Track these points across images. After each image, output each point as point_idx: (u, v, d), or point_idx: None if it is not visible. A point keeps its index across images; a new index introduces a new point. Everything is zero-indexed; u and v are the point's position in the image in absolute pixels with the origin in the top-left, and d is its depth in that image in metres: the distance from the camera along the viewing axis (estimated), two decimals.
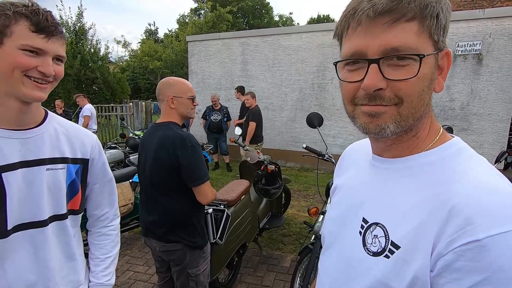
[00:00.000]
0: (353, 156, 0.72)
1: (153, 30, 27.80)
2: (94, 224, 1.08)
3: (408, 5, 0.44)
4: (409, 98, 0.47)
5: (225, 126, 6.05)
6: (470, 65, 5.13)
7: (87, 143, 0.97)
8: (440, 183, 0.48)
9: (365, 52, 0.47)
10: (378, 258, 0.51)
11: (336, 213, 0.67)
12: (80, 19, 12.28)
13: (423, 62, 0.46)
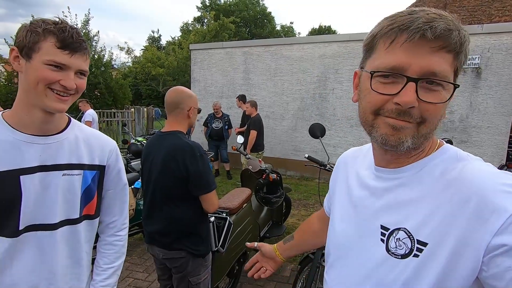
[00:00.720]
0: (353, 165, 0.73)
1: (156, 37, 28.13)
2: (103, 230, 1.09)
3: (454, 38, 0.48)
4: (431, 119, 0.51)
5: (226, 134, 6.09)
6: (469, 78, 5.21)
7: (106, 150, 1.00)
8: (453, 180, 0.52)
9: (406, 69, 0.49)
10: (407, 259, 0.53)
11: (345, 226, 0.68)
12: (86, 26, 12.47)
13: (449, 90, 0.51)
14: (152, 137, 1.69)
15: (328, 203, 0.89)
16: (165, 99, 1.58)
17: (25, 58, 0.79)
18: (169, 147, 1.51)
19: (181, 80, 19.13)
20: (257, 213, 2.93)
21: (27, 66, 0.79)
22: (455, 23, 0.49)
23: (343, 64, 6.01)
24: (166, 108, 1.57)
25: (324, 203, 0.93)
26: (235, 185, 5.27)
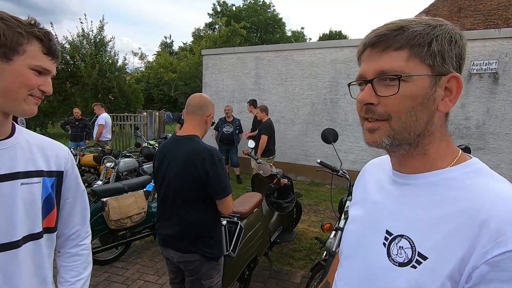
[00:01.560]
0: (374, 172, 0.76)
1: (168, 43, 28.68)
2: (63, 244, 0.98)
3: (394, 38, 0.54)
4: (396, 113, 0.54)
5: (237, 138, 6.10)
6: (486, 83, 5.08)
7: (61, 155, 0.92)
8: (465, 198, 0.52)
9: (365, 74, 0.58)
10: (404, 268, 0.54)
11: (356, 226, 0.70)
12: (101, 32, 12.83)
13: (409, 81, 0.53)
14: (168, 140, 1.70)
15: None
16: (188, 102, 1.64)
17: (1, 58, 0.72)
18: (188, 150, 1.53)
19: (192, 85, 19.40)
20: (267, 218, 2.91)
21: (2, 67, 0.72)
22: (400, 25, 0.54)
23: (355, 69, 5.95)
24: (187, 109, 1.62)
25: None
26: (245, 190, 5.26)
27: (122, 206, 2.92)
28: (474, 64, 5.09)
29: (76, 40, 12.43)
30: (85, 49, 12.43)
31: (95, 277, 2.84)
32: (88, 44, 12.61)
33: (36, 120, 12.27)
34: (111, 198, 2.89)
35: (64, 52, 12.25)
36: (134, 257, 3.23)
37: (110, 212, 2.83)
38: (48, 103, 12.34)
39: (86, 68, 11.67)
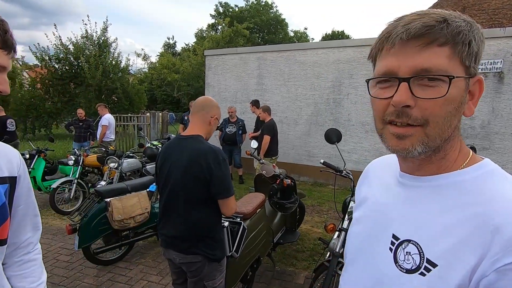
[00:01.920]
0: (378, 172, 0.73)
1: (171, 44, 28.77)
2: (13, 254, 0.89)
3: (440, 31, 0.48)
4: (435, 118, 0.49)
5: (239, 138, 6.10)
6: (491, 83, 5.03)
7: (13, 159, 0.84)
8: (478, 202, 0.49)
9: (396, 71, 0.50)
10: (412, 275, 0.51)
11: (361, 228, 0.67)
12: (104, 33, 12.90)
13: (452, 84, 0.48)
14: (172, 141, 1.71)
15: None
16: (194, 102, 1.71)
17: None
18: (193, 150, 1.54)
19: (195, 85, 19.44)
20: (270, 218, 2.90)
21: None
22: (444, 17, 0.49)
23: (358, 69, 5.94)
24: (192, 109, 1.68)
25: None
26: (247, 190, 5.26)
27: (125, 207, 2.93)
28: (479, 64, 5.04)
29: (80, 41, 12.51)
30: (89, 50, 12.50)
31: (98, 277, 2.85)
32: (91, 45, 12.68)
33: (40, 121, 12.37)
34: (115, 199, 2.90)
35: (68, 53, 12.34)
36: (137, 257, 3.24)
37: (114, 213, 2.84)
38: (52, 104, 12.43)
39: (90, 69, 11.74)
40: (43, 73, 12.52)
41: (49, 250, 3.36)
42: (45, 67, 12.32)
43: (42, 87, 12.66)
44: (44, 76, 12.44)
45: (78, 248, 2.74)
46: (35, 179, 4.68)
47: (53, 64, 12.41)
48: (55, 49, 12.14)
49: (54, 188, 4.41)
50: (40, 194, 5.20)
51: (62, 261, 3.13)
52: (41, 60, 12.10)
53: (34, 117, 12.22)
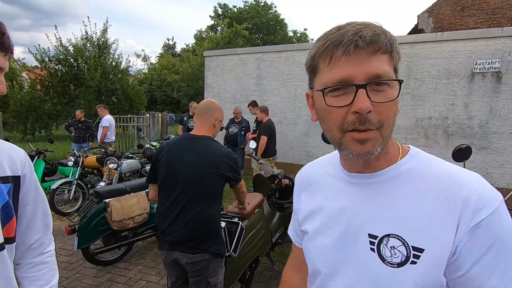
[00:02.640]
0: (316, 180, 0.71)
1: (171, 45, 28.79)
2: (24, 255, 0.90)
3: (383, 40, 0.52)
4: (387, 120, 0.53)
5: (241, 139, 6.10)
6: (489, 83, 5.05)
7: (17, 159, 0.84)
8: (437, 183, 0.54)
9: (352, 78, 0.51)
10: (404, 267, 0.53)
11: (327, 238, 0.64)
12: (104, 34, 12.92)
13: (392, 87, 0.52)
14: (179, 140, 1.72)
15: (296, 233, 0.80)
16: (198, 105, 1.78)
17: None
18: (207, 149, 1.63)
19: (194, 86, 19.46)
20: (269, 218, 2.91)
21: None
22: (380, 29, 0.53)
23: None
24: (197, 112, 1.75)
25: (292, 236, 0.83)
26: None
27: (124, 207, 2.94)
28: (477, 63, 5.06)
29: (80, 42, 12.54)
30: (89, 52, 12.52)
31: (97, 277, 2.86)
32: (91, 47, 12.71)
33: (40, 122, 12.39)
34: (114, 199, 2.92)
35: (67, 54, 12.36)
36: (136, 258, 3.25)
37: (113, 213, 2.85)
38: (52, 106, 12.45)
39: (89, 71, 11.76)
40: (42, 74, 12.54)
41: None
42: (45, 68, 12.35)
43: (42, 88, 12.69)
44: (43, 78, 12.47)
45: (78, 248, 2.75)
46: None
47: (53, 66, 12.44)
48: (55, 50, 12.17)
49: (53, 189, 4.42)
50: None
51: (61, 262, 3.14)
52: (41, 61, 12.13)
53: (34, 119, 12.24)
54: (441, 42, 5.28)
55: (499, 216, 0.50)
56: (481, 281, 0.49)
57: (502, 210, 0.50)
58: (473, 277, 0.50)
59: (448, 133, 5.34)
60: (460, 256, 0.50)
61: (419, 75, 5.46)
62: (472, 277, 0.50)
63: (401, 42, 5.58)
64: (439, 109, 5.38)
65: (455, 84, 5.24)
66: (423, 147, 5.48)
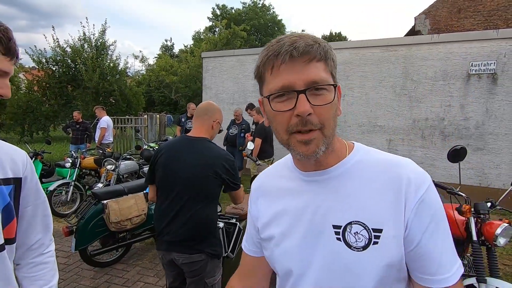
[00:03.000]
0: (271, 186, 0.75)
1: (169, 46, 28.81)
2: (25, 255, 0.91)
3: (317, 50, 0.58)
4: (327, 121, 0.59)
5: (240, 140, 6.10)
6: (485, 84, 5.09)
7: (18, 160, 0.85)
8: (384, 171, 0.62)
9: (292, 85, 0.57)
10: (369, 249, 0.59)
11: (293, 240, 0.66)
12: (102, 35, 12.89)
13: (330, 91, 0.59)
14: (177, 141, 1.75)
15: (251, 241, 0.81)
16: (198, 106, 1.79)
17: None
18: (205, 150, 1.64)
19: (193, 87, 19.46)
20: None
21: None
22: (314, 39, 0.59)
23: (354, 70, 5.99)
24: (195, 113, 1.76)
25: (245, 246, 0.84)
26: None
27: (122, 208, 2.94)
28: (472, 65, 5.11)
29: (77, 43, 12.50)
30: (86, 53, 12.49)
31: (95, 279, 2.86)
32: (89, 48, 12.68)
33: (38, 123, 12.33)
34: (111, 200, 2.92)
35: (65, 55, 12.33)
36: (134, 259, 3.25)
37: (110, 214, 2.85)
38: (50, 107, 12.40)
39: (87, 72, 11.73)
40: (40, 75, 12.48)
41: None
42: (42, 69, 12.30)
43: (39, 89, 12.63)
44: (41, 79, 12.41)
45: (75, 250, 2.75)
46: None
47: (50, 67, 12.40)
48: (53, 51, 12.13)
49: (51, 190, 4.41)
50: None
51: (59, 263, 3.11)
52: (38, 62, 12.08)
53: (31, 120, 12.18)
54: (437, 44, 5.33)
55: (432, 189, 0.60)
56: (429, 246, 0.58)
57: (433, 185, 0.61)
58: (423, 246, 0.58)
59: (445, 134, 5.38)
60: (411, 231, 0.58)
61: (416, 76, 5.50)
62: (422, 246, 0.58)
63: (398, 44, 5.62)
64: (435, 110, 5.42)
65: (451, 85, 5.29)
66: (420, 148, 5.53)
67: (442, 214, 0.60)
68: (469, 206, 1.96)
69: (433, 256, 0.58)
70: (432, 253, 0.58)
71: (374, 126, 5.90)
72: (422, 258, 0.58)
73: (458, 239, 2.12)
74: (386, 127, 5.80)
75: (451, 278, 0.58)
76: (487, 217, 1.96)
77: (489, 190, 4.94)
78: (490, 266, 1.91)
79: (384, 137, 5.81)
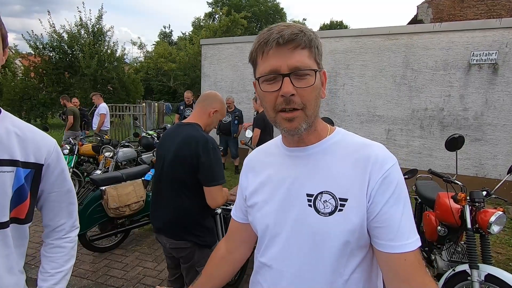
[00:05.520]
0: (260, 160, 0.85)
1: (167, 33, 28.34)
2: (48, 235, 0.99)
3: (301, 38, 0.65)
4: (309, 102, 0.66)
5: (234, 128, 6.10)
6: (485, 74, 5.06)
7: (43, 148, 0.90)
8: (356, 150, 0.71)
9: (278, 69, 0.65)
10: (334, 214, 0.68)
11: (273, 205, 0.76)
12: (99, 21, 12.66)
13: (313, 76, 0.66)
14: (171, 127, 1.76)
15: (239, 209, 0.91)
16: (201, 94, 1.78)
17: None
18: (185, 136, 1.57)
19: (191, 75, 19.26)
20: None
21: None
22: (300, 28, 0.66)
23: (355, 59, 5.93)
24: (197, 100, 1.74)
25: (233, 213, 0.94)
26: None
27: (120, 195, 2.96)
28: (473, 55, 5.06)
29: (74, 29, 12.28)
30: (83, 39, 12.29)
31: (94, 263, 2.90)
32: (86, 34, 12.47)
33: (36, 111, 12.26)
34: (110, 187, 2.93)
35: (62, 42, 12.13)
36: (133, 245, 3.29)
37: (109, 201, 2.87)
38: (47, 94, 12.29)
39: (85, 59, 11.57)
40: (36, 61, 12.31)
41: None
42: (39, 55, 12.12)
43: (36, 76, 12.48)
44: (37, 65, 12.25)
45: None
46: None
47: (47, 53, 12.22)
48: (49, 37, 11.93)
49: None
50: None
51: None
52: (35, 48, 11.89)
53: (29, 108, 12.09)
54: (438, 33, 5.26)
55: (396, 168, 0.68)
56: (388, 215, 0.65)
57: (398, 166, 0.69)
58: (382, 214, 0.65)
59: (443, 125, 5.38)
60: (374, 201, 0.66)
61: (416, 66, 5.45)
62: (382, 215, 0.65)
63: (399, 33, 5.54)
64: (435, 100, 5.40)
65: (451, 75, 5.25)
66: (418, 138, 5.54)
67: (403, 190, 0.67)
68: (464, 194, 1.97)
69: (392, 224, 0.65)
70: (390, 221, 0.65)
71: (373, 115, 5.88)
72: (382, 226, 0.65)
73: (452, 227, 2.15)
74: (385, 116, 5.78)
75: (408, 245, 0.64)
76: (482, 205, 1.98)
77: (485, 181, 4.98)
78: (483, 253, 1.95)
79: (383, 127, 5.80)
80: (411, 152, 5.57)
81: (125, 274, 2.74)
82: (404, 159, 5.51)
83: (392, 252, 0.64)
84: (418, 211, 2.88)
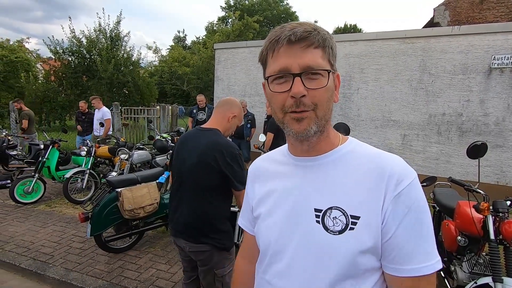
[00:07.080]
0: (267, 169, 0.80)
1: (181, 37, 28.83)
2: None
3: (315, 37, 0.61)
4: (320, 103, 0.62)
5: (247, 132, 6.11)
6: (507, 79, 4.88)
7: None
8: (369, 162, 0.65)
9: (289, 68, 0.61)
10: (344, 233, 0.62)
11: (276, 218, 0.71)
12: (117, 26, 13.01)
13: (326, 77, 0.62)
14: (190, 131, 1.77)
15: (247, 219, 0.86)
16: (219, 100, 1.80)
17: None
18: (209, 142, 1.59)
19: (204, 79, 19.48)
20: None
21: None
22: (313, 27, 0.62)
23: (369, 63, 5.85)
24: (216, 105, 1.76)
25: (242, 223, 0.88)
26: None
27: (135, 197, 3.00)
28: (495, 59, 4.89)
29: (93, 34, 12.66)
30: (101, 44, 12.64)
31: (109, 264, 2.95)
32: (104, 39, 12.83)
33: (55, 113, 12.66)
34: (125, 189, 2.98)
35: (81, 46, 12.52)
36: (146, 246, 3.33)
37: (124, 202, 2.92)
38: (66, 97, 12.68)
39: (102, 63, 11.89)
40: (56, 65, 12.75)
41: (63, 237, 3.49)
42: (59, 59, 12.55)
43: (56, 79, 12.92)
44: (57, 69, 12.68)
45: (90, 235, 2.84)
46: (49, 169, 4.83)
47: (66, 57, 12.63)
48: (69, 42, 12.34)
49: (67, 177, 4.55)
50: (54, 183, 5.36)
51: (75, 248, 3.24)
52: (55, 53, 12.32)
53: (48, 110, 12.51)
54: (457, 36, 5.12)
55: (415, 185, 0.61)
56: (401, 238, 0.59)
57: (417, 182, 0.62)
58: (397, 237, 0.59)
59: (462, 130, 5.22)
60: (388, 222, 0.60)
61: (434, 70, 5.32)
62: (397, 237, 0.59)
63: (416, 36, 5.43)
64: (453, 105, 5.25)
65: (471, 79, 5.09)
66: (435, 143, 5.39)
67: (422, 209, 0.61)
68: (487, 204, 1.90)
69: (405, 247, 0.59)
70: (404, 244, 0.59)
71: (388, 120, 5.77)
72: (395, 249, 0.60)
73: (474, 237, 2.07)
74: (400, 121, 5.66)
75: (421, 269, 0.58)
76: (506, 215, 1.90)
77: (507, 189, 4.78)
78: (507, 265, 1.86)
79: (399, 132, 5.68)
80: (428, 158, 5.42)
81: (139, 276, 2.77)
82: (420, 165, 5.36)
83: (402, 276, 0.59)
84: (436, 219, 2.79)
